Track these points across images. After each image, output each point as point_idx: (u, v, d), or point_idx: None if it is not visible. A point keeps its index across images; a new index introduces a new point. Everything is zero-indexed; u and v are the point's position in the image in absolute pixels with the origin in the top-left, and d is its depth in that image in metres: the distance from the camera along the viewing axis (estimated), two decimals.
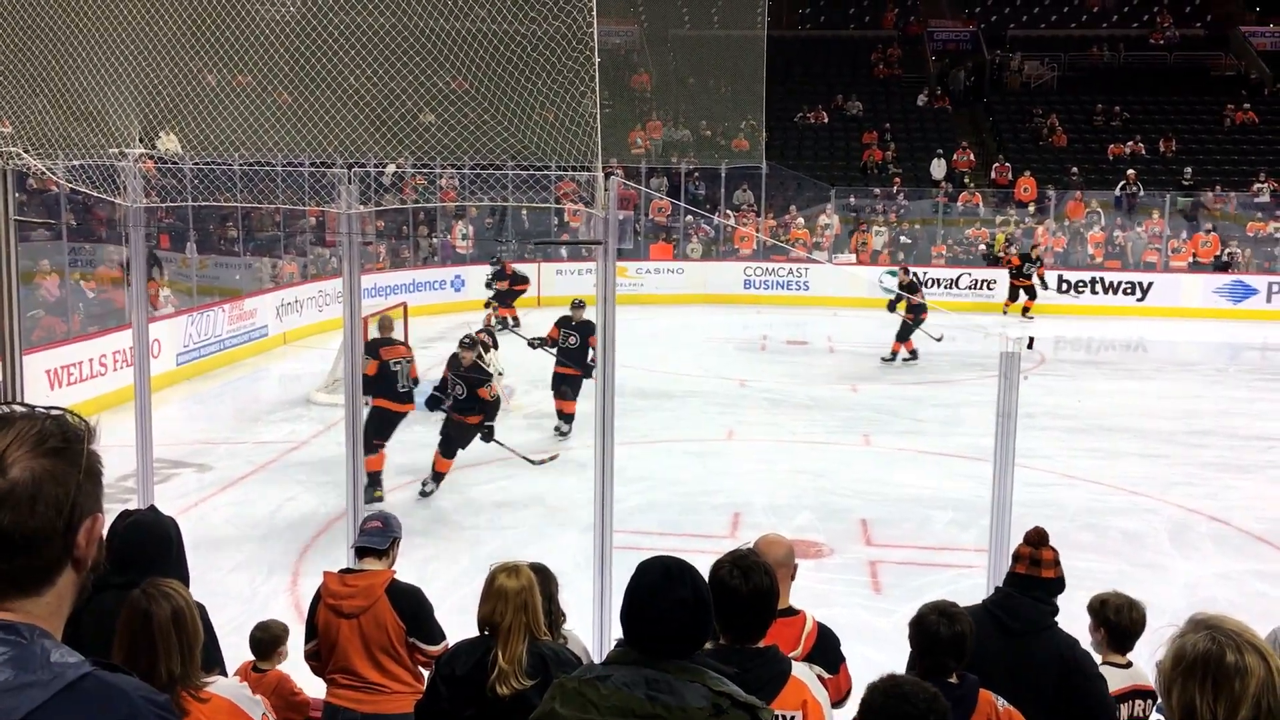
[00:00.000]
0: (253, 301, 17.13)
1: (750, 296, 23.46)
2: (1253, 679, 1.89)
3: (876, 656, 4.79)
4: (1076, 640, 3.65)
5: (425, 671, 4.17)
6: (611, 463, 5.19)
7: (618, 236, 5.03)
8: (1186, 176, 25.60)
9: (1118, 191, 24.85)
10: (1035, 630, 3.60)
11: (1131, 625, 3.99)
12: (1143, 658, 4.03)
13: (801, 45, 31.43)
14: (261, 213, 19.83)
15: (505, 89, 5.62)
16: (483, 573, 3.56)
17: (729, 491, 9.99)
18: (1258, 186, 24.86)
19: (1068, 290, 22.94)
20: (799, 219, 24.57)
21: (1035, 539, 3.81)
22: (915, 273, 18.91)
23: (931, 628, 3.23)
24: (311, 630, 4.29)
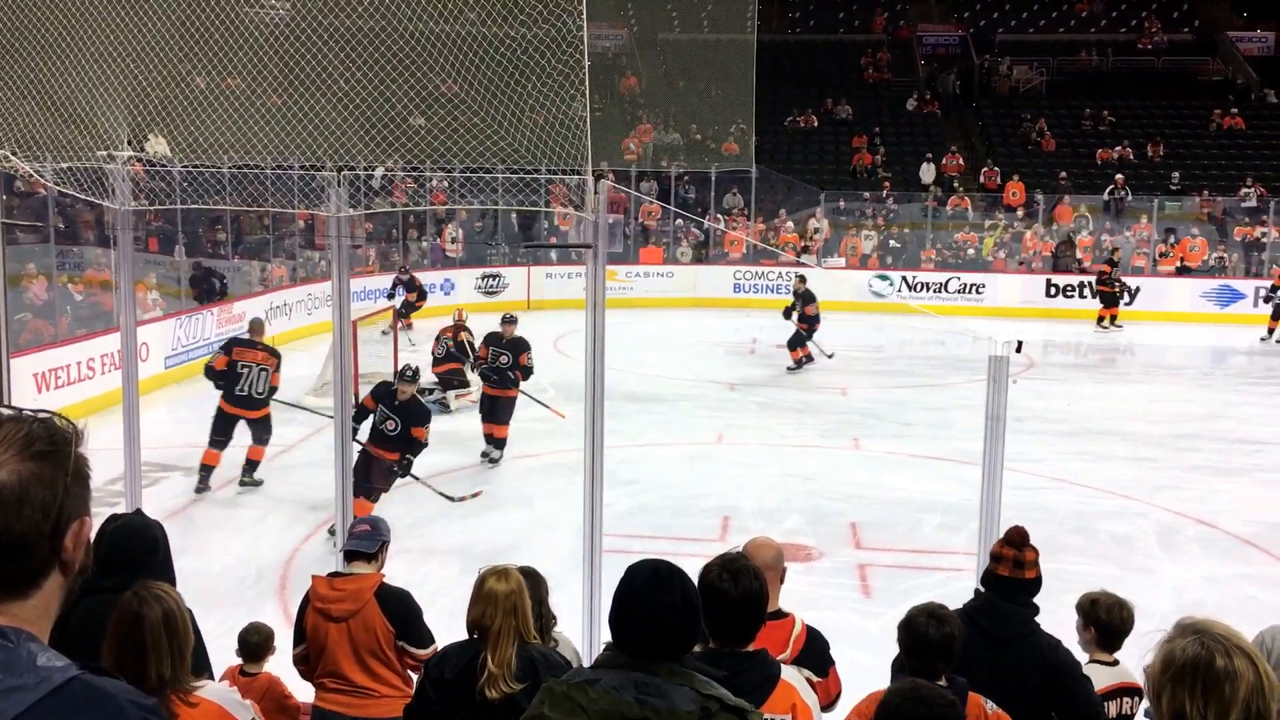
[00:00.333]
0: (242, 304, 17.08)
1: (740, 300, 23.48)
2: (1242, 683, 1.89)
3: (866, 660, 4.80)
4: (1059, 641, 3.65)
5: (414, 675, 4.16)
6: (601, 466, 5.19)
7: (607, 240, 5.04)
8: (1174, 181, 25.72)
9: (1106, 196, 24.97)
10: (1019, 636, 3.60)
11: (1121, 624, 4.01)
12: (1131, 657, 4.04)
13: (791, 49, 31.49)
14: (250, 216, 19.80)
15: (495, 92, 5.62)
16: (472, 576, 3.56)
17: (719, 495, 10.00)
18: (1244, 191, 24.99)
19: (1056, 294, 23.04)
20: (788, 223, 24.62)
21: (1018, 539, 3.80)
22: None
23: (920, 629, 3.24)
24: (300, 634, 4.28)
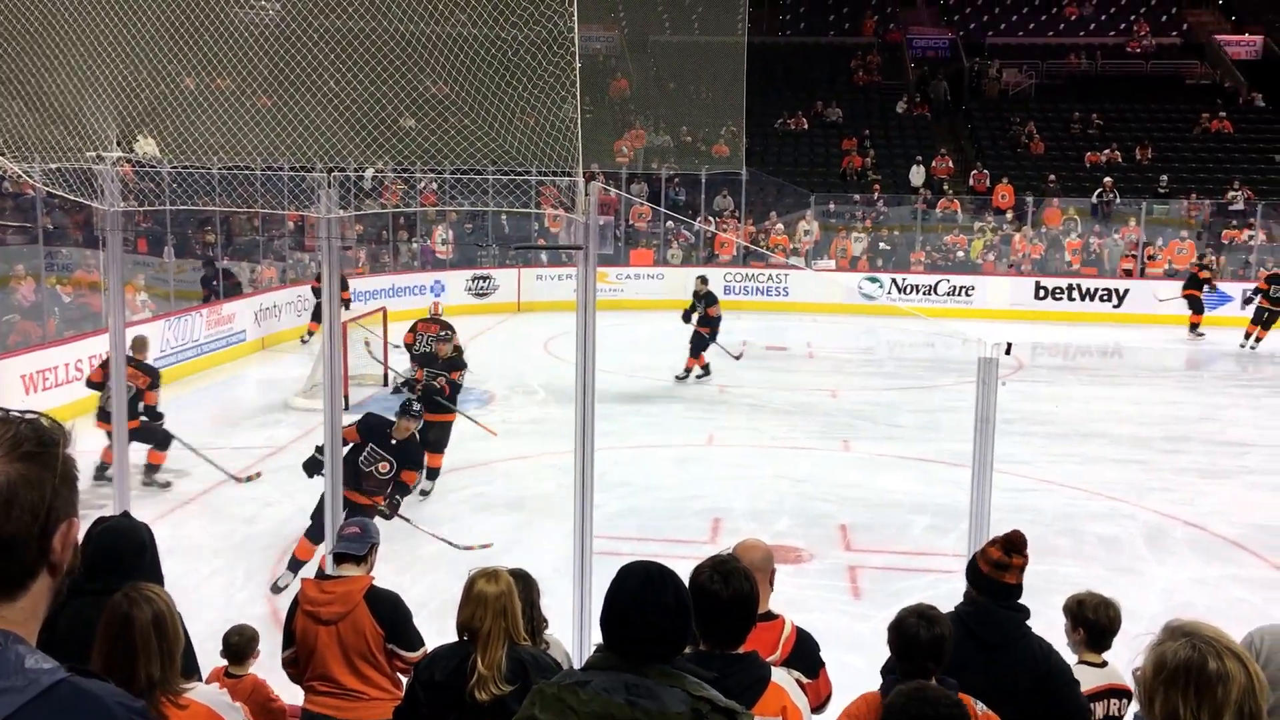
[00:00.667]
0: (231, 306, 17.04)
1: (730, 302, 23.36)
2: (1234, 685, 1.89)
3: (856, 661, 4.80)
4: (1051, 645, 3.66)
5: (404, 678, 4.16)
6: (592, 468, 5.19)
7: (598, 242, 5.04)
8: (1162, 184, 25.83)
9: (1094, 199, 25.06)
10: (1011, 640, 3.61)
11: (1108, 624, 4.02)
12: (1120, 659, 4.05)
13: (781, 51, 31.55)
14: (240, 217, 19.74)
15: (486, 94, 5.62)
16: (462, 578, 3.55)
17: (709, 497, 10.02)
18: (1232, 194, 25.11)
19: (1045, 297, 23.11)
20: (779, 225, 24.64)
21: (1017, 544, 3.78)
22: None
23: (910, 630, 3.24)
24: (289, 637, 4.27)
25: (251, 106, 5.99)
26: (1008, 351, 4.80)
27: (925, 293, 23.33)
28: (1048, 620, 4.02)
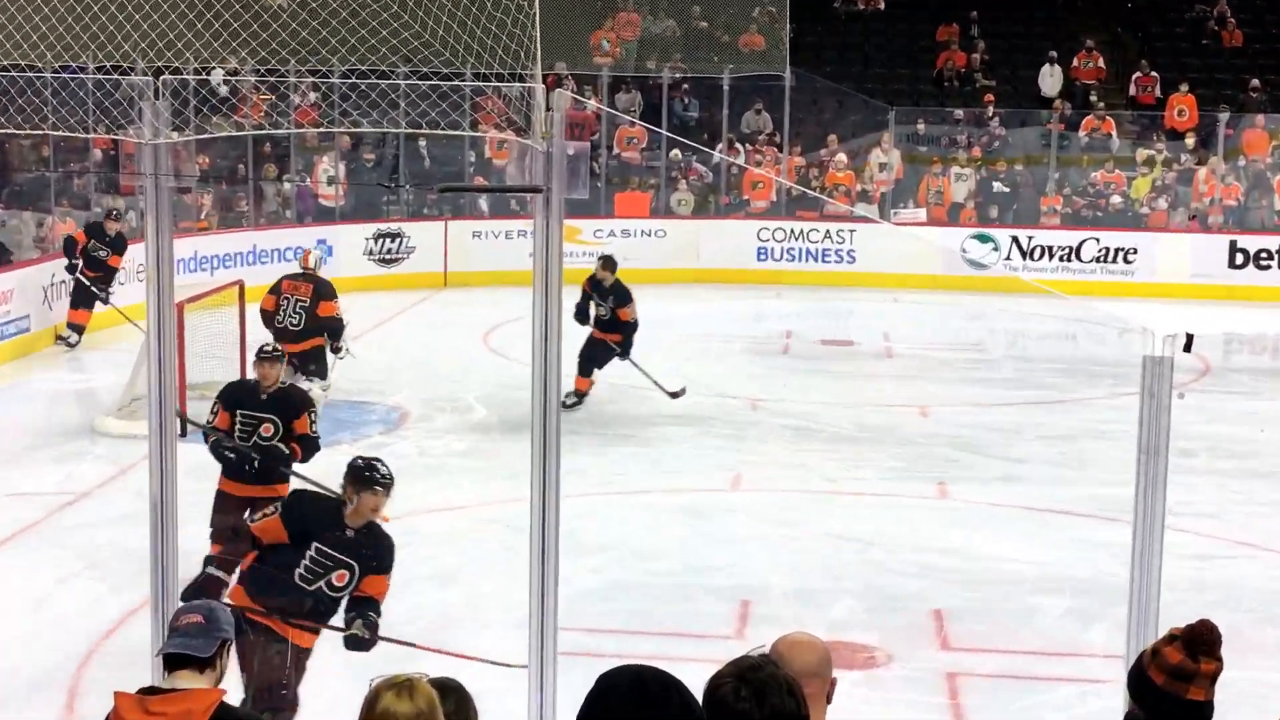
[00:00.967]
0: (7, 278, 16.98)
1: (767, 272, 23.54)
2: None
3: None
4: None
5: None
6: (556, 524, 5.18)
7: (566, 180, 5.04)
8: None
9: None
10: None
11: None
12: None
13: None
14: (20, 143, 19.69)
15: None
16: (362, 690, 3.54)
17: (734, 568, 10.01)
18: None
19: (1244, 264, 23.15)
20: (840, 155, 24.67)
21: (1205, 641, 3.78)
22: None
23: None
24: None
25: None
26: (1187, 347, 4.79)
27: (1062, 257, 23.39)
28: None
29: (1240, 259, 23.20)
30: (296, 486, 8.56)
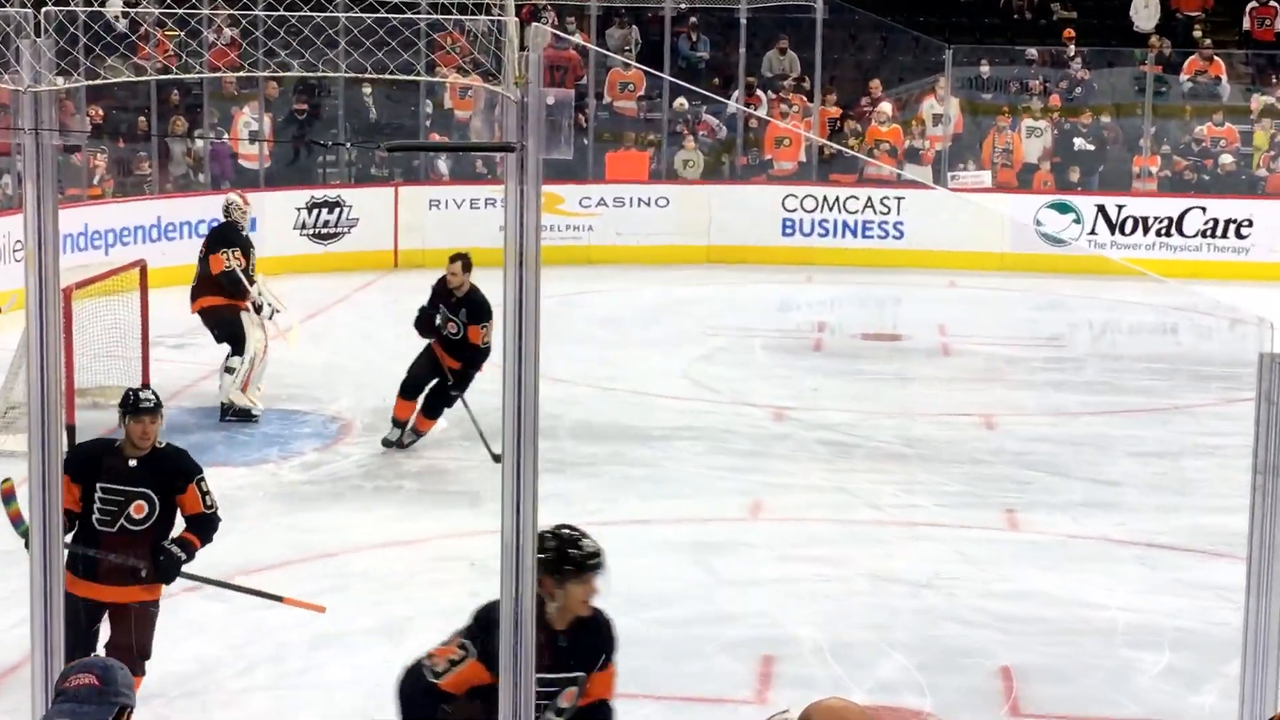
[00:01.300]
0: None
1: (795, 250, 23.56)
2: None
3: None
4: None
5: None
6: (532, 566, 5.17)
7: (544, 137, 5.02)
8: None
9: None
10: None
11: None
12: None
13: None
14: None
15: None
16: None
17: (754, 617, 10.01)
18: None
19: None
20: (884, 105, 24.67)
21: None
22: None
23: None
24: None
25: None
26: None
27: (1160, 231, 23.39)
28: None
29: None
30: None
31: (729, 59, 25.04)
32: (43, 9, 6.02)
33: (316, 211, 22.37)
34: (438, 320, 13.32)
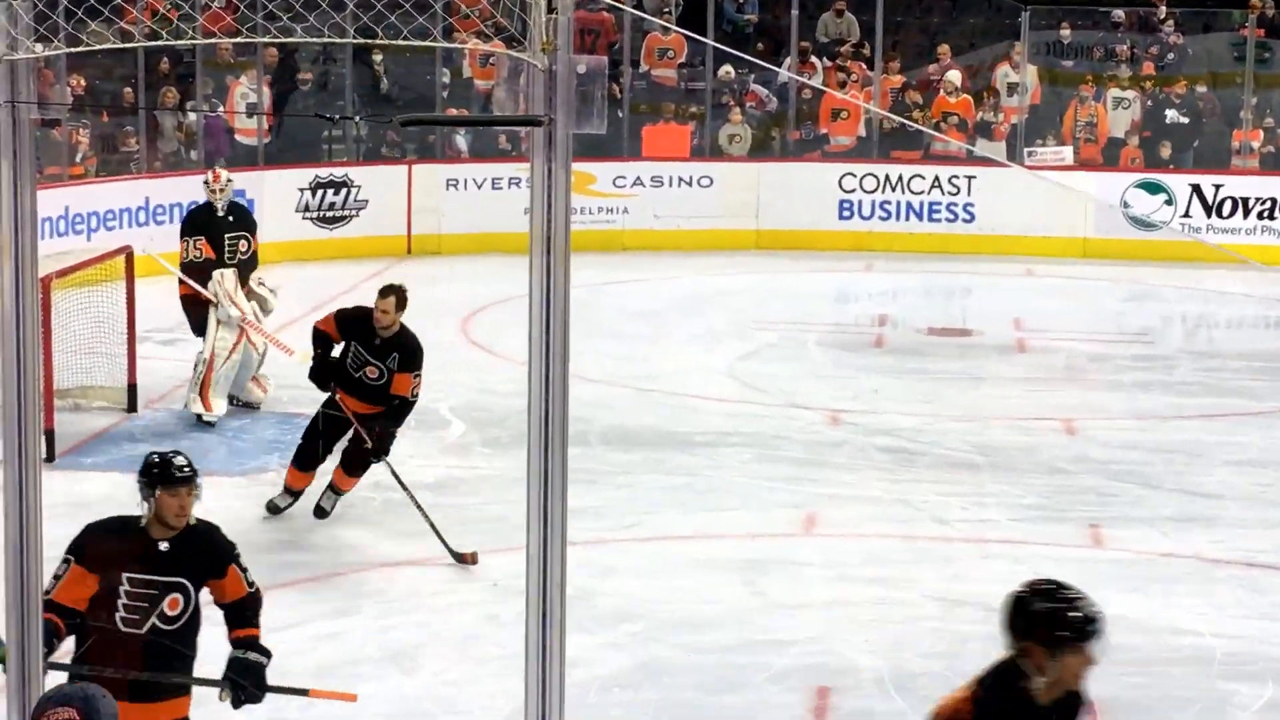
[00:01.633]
0: None
1: (853, 235, 23.55)
2: None
3: None
4: None
5: None
6: (560, 585, 5.19)
7: (574, 109, 5.03)
8: None
9: None
10: None
11: None
12: None
13: None
14: None
15: None
16: None
17: (807, 644, 9.99)
18: None
19: None
20: (954, 74, 24.61)
21: None
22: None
23: None
24: None
25: None
26: None
27: (1262, 214, 23.27)
28: None
29: None
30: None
31: (780, 22, 25.00)
32: None
33: (321, 192, 22.40)
34: (349, 362, 12.06)
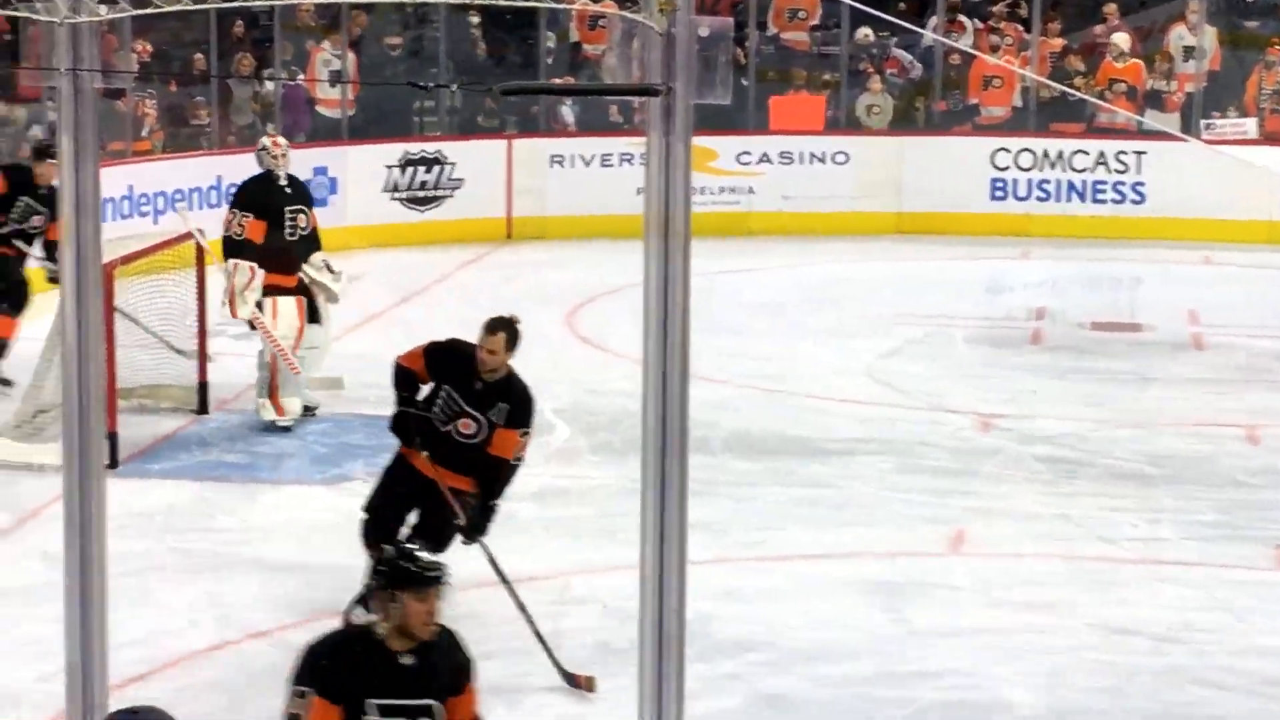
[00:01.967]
0: None
1: (1007, 218, 23.51)
2: None
3: None
4: None
5: None
6: (678, 609, 5.20)
7: (695, 77, 5.04)
8: None
9: None
10: None
11: None
12: None
13: None
14: None
15: None
16: None
17: (955, 675, 9.96)
18: None
19: None
20: (1121, 36, 24.46)
21: None
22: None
23: None
24: None
25: None
26: None
27: None
28: None
29: None
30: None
31: None
32: None
33: (411, 170, 22.53)
34: (437, 410, 10.57)
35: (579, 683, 9.86)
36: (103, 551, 5.89)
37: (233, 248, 13.92)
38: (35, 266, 14.99)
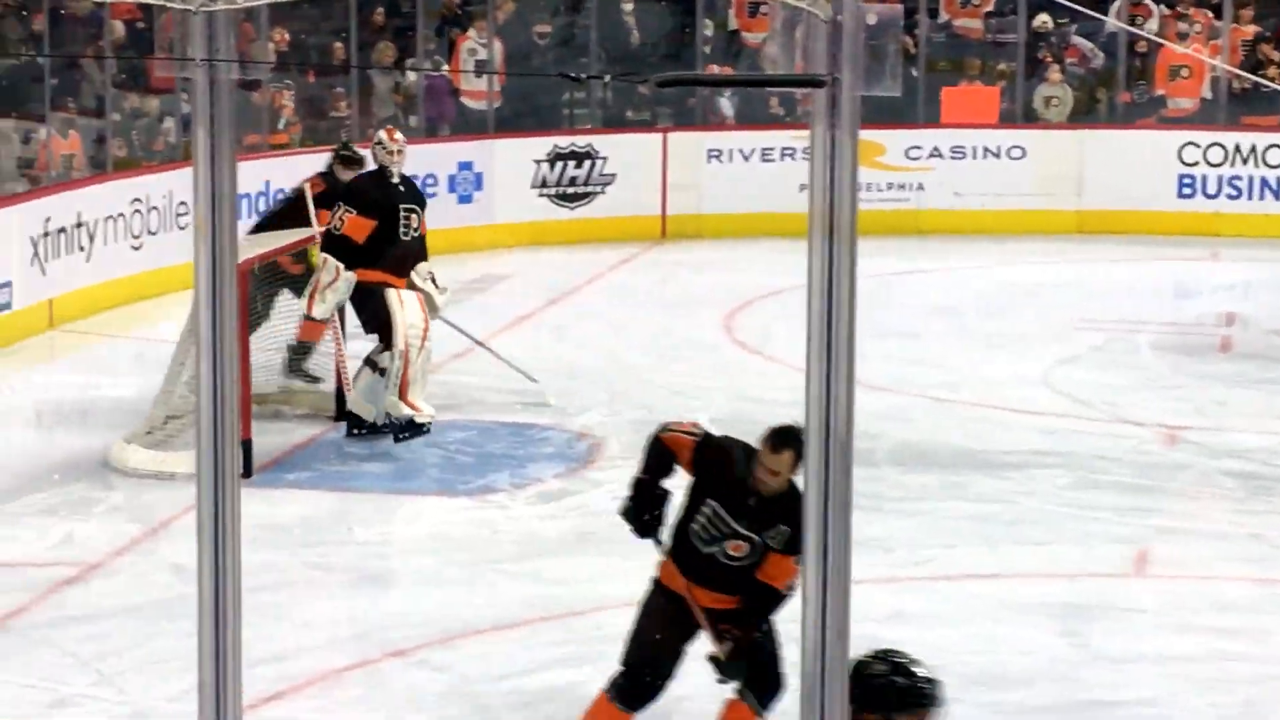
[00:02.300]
0: None
1: (1196, 217, 23.39)
2: None
3: None
4: None
5: None
6: (842, 633, 5.21)
7: (863, 68, 5.04)
8: None
9: None
10: None
11: None
12: None
13: None
14: None
15: None
16: None
17: (1139, 705, 9.90)
18: None
19: None
20: None
21: None
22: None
23: None
24: None
25: None
26: None
27: None
28: None
29: None
30: None
31: None
32: None
33: (561, 165, 22.67)
34: (697, 529, 8.93)
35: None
36: (237, 564, 5.94)
37: (330, 242, 13.93)
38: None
